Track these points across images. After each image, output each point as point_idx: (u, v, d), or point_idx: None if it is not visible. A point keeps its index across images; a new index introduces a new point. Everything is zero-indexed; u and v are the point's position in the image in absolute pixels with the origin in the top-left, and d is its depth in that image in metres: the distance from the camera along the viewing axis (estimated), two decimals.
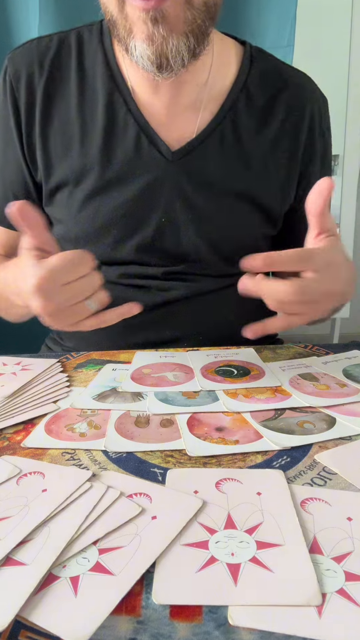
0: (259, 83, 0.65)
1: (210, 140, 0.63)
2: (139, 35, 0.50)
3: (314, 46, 1.57)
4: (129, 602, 0.25)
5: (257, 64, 0.66)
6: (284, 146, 0.66)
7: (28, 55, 0.63)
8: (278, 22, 1.07)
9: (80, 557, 0.27)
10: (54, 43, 0.63)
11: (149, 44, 0.50)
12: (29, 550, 0.28)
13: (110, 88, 0.62)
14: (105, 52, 0.63)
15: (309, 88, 0.69)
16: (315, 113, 0.68)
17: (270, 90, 0.66)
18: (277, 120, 0.65)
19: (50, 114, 0.63)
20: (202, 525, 0.30)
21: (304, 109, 0.67)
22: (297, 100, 0.66)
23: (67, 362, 0.58)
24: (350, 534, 0.29)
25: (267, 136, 0.65)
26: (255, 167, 0.65)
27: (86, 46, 0.64)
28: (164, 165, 0.62)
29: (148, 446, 0.39)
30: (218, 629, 0.23)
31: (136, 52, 0.52)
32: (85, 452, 0.38)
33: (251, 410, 0.44)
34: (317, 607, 0.24)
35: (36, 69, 0.62)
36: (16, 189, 0.67)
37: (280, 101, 0.66)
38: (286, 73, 0.68)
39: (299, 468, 0.36)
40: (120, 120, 0.62)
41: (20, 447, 0.39)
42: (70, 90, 0.63)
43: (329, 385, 0.49)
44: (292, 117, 0.66)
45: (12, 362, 0.57)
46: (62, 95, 0.63)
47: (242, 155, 0.64)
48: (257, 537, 0.29)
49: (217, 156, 0.63)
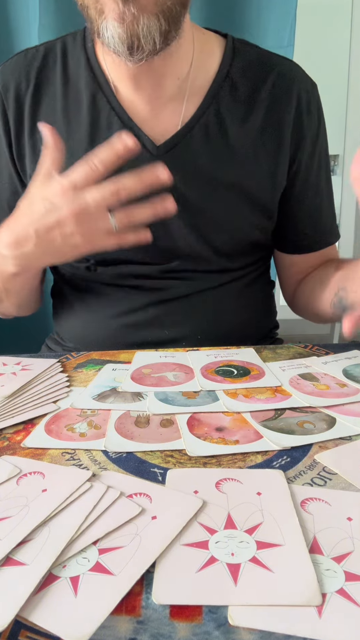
0: (242, 73, 0.65)
1: (195, 132, 0.63)
2: (110, 15, 0.50)
3: (314, 46, 1.57)
4: (129, 602, 0.25)
5: (241, 54, 0.65)
6: (271, 133, 0.65)
7: (16, 67, 0.65)
8: (278, 22, 1.07)
9: (80, 557, 0.27)
10: (40, 53, 0.65)
11: (120, 23, 0.50)
12: (29, 550, 0.28)
13: (93, 89, 0.63)
14: (88, 54, 0.64)
15: (294, 72, 0.67)
16: (303, 96, 0.66)
17: (255, 79, 0.65)
18: (263, 107, 0.65)
19: (37, 120, 0.64)
20: (202, 525, 0.30)
21: (290, 93, 0.65)
22: (283, 86, 0.65)
23: (67, 362, 0.58)
24: (350, 534, 0.29)
25: (254, 125, 0.64)
26: (242, 156, 0.64)
27: (70, 52, 0.65)
28: (149, 160, 0.62)
29: (148, 446, 0.39)
30: (218, 629, 0.23)
31: (107, 33, 0.52)
32: (85, 452, 0.38)
33: (251, 410, 0.44)
34: (317, 607, 0.24)
35: (23, 80, 0.64)
36: (8, 197, 0.68)
37: (265, 88, 0.65)
38: (270, 60, 0.67)
39: (299, 468, 0.36)
40: (104, 120, 0.63)
41: (20, 447, 0.39)
42: (56, 95, 0.64)
43: (329, 385, 0.49)
44: (277, 102, 0.65)
45: (12, 362, 0.57)
46: (48, 102, 0.64)
47: (228, 145, 0.64)
48: (257, 537, 0.29)
49: (202, 148, 0.63)
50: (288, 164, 0.67)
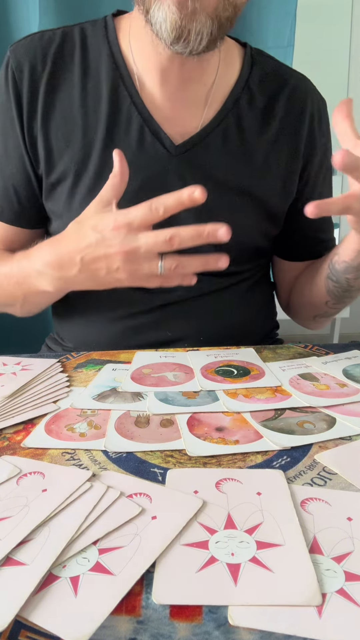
0: (259, 84, 0.66)
1: (214, 136, 0.63)
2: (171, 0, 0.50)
3: (314, 46, 1.57)
4: (129, 602, 0.25)
5: (258, 65, 0.67)
6: (285, 145, 0.67)
7: (31, 47, 0.63)
8: (278, 22, 1.07)
9: (80, 557, 0.27)
10: (58, 37, 0.63)
11: (179, 9, 0.50)
12: (29, 550, 0.28)
13: (114, 80, 0.62)
14: (110, 45, 0.63)
15: (308, 89, 0.70)
16: (315, 112, 0.69)
17: (271, 91, 0.66)
18: (278, 119, 0.66)
19: (52, 106, 0.62)
20: (202, 525, 0.30)
21: (304, 109, 0.68)
22: (297, 100, 0.67)
23: (67, 362, 0.58)
24: (350, 534, 0.29)
25: (268, 135, 0.66)
26: (257, 164, 0.65)
27: (90, 40, 0.64)
28: (166, 159, 0.62)
29: (148, 446, 0.39)
30: (218, 629, 0.23)
31: (159, 13, 0.51)
32: (85, 452, 0.38)
33: (251, 410, 0.44)
34: (317, 607, 0.24)
35: (39, 61, 0.62)
36: (18, 181, 0.66)
37: (281, 101, 0.66)
38: (286, 74, 0.69)
39: (299, 468, 0.36)
40: (124, 113, 0.62)
41: (20, 447, 0.39)
42: (74, 82, 0.62)
43: (329, 385, 0.49)
44: (292, 116, 0.67)
45: (12, 362, 0.57)
46: (64, 88, 0.62)
47: (245, 152, 0.65)
48: (257, 537, 0.29)
49: (219, 152, 0.64)
50: (299, 175, 0.69)
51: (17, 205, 0.67)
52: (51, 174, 0.64)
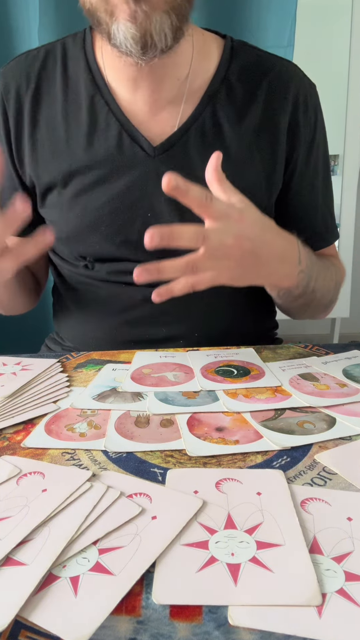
0: (240, 74, 0.65)
1: (191, 134, 0.63)
2: (121, 15, 0.51)
3: (314, 46, 1.57)
4: (129, 602, 0.25)
5: (239, 56, 0.66)
6: (267, 134, 0.65)
7: (17, 68, 0.66)
8: (278, 22, 1.07)
9: (80, 557, 0.27)
10: (41, 54, 0.66)
11: (133, 22, 0.51)
12: (29, 550, 0.28)
13: (91, 90, 0.63)
14: (87, 55, 0.64)
15: (292, 75, 0.67)
16: (300, 98, 0.66)
17: (252, 80, 0.65)
18: (259, 108, 0.65)
19: (37, 122, 0.65)
20: (202, 525, 0.30)
21: (287, 94, 0.65)
22: (279, 86, 0.65)
23: (67, 362, 0.58)
24: (350, 534, 0.29)
25: (249, 126, 0.64)
26: (238, 157, 0.64)
27: (70, 53, 0.65)
28: (146, 161, 0.63)
29: (148, 446, 0.39)
30: (218, 629, 0.23)
31: (119, 34, 0.52)
32: (85, 452, 0.38)
33: (251, 410, 0.44)
34: (317, 607, 0.24)
35: (23, 81, 0.65)
36: (6, 195, 0.68)
37: (262, 89, 0.65)
38: (269, 61, 0.67)
39: (299, 468, 0.36)
40: (102, 121, 0.63)
41: (20, 447, 0.39)
42: (56, 96, 0.64)
43: (329, 385, 0.49)
44: (273, 103, 0.65)
45: (12, 362, 0.57)
46: (48, 103, 0.64)
47: (224, 147, 0.64)
48: (257, 537, 0.29)
49: (198, 149, 0.63)
50: (284, 165, 0.68)
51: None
52: (40, 184, 0.66)
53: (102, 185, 0.63)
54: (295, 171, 0.69)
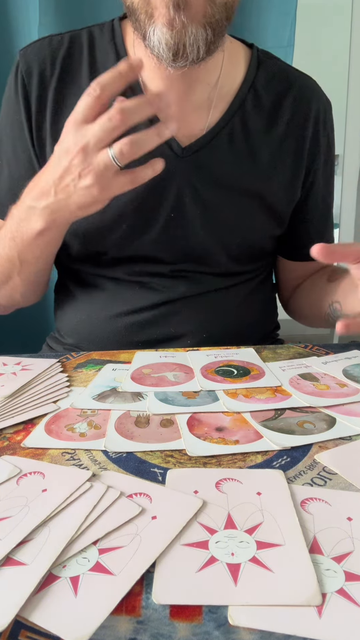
0: (266, 84, 0.66)
1: (220, 138, 0.64)
2: (159, 19, 0.51)
3: (314, 46, 1.57)
4: (129, 602, 0.25)
5: (264, 66, 0.67)
6: (290, 146, 0.67)
7: (40, 52, 0.64)
8: (278, 22, 1.07)
9: (80, 557, 0.27)
10: (66, 41, 0.64)
11: (169, 28, 0.51)
12: (29, 550, 0.28)
13: None
14: (117, 49, 0.64)
15: (314, 90, 0.70)
16: (320, 113, 0.69)
17: (277, 92, 0.67)
18: (284, 120, 0.67)
19: (61, 111, 0.63)
20: (202, 525, 0.30)
21: (309, 110, 0.68)
22: (303, 101, 0.68)
23: (67, 362, 0.58)
24: (350, 534, 0.29)
25: (274, 136, 0.66)
26: (263, 165, 0.66)
27: (98, 44, 0.64)
28: (174, 161, 0.63)
29: (148, 446, 0.39)
30: (218, 629, 0.23)
31: (154, 38, 0.52)
32: (85, 452, 0.38)
33: (251, 410, 0.44)
34: (317, 607, 0.24)
35: (48, 66, 0.63)
36: (26, 184, 0.65)
37: (287, 102, 0.67)
38: (292, 75, 0.69)
39: (299, 468, 0.36)
40: None
41: (20, 447, 0.39)
42: (82, 87, 0.62)
43: (329, 385, 0.49)
44: (297, 117, 0.67)
45: (12, 362, 0.57)
46: (74, 92, 0.63)
47: (251, 153, 0.65)
48: (257, 537, 0.29)
49: (226, 153, 0.64)
50: (304, 176, 0.70)
51: None
52: None
53: None
54: (314, 182, 0.71)
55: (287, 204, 0.70)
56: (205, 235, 0.65)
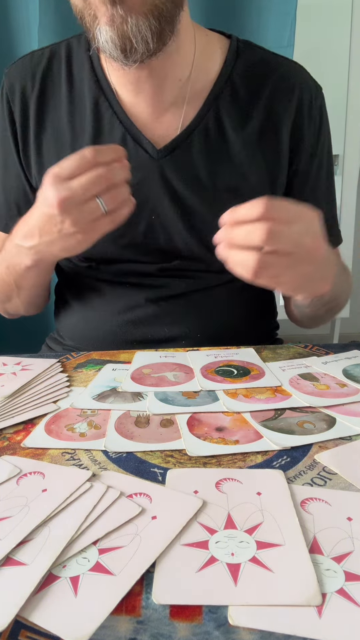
0: (244, 75, 0.64)
1: (195, 136, 0.63)
2: (102, 19, 0.51)
3: (314, 46, 1.57)
4: (129, 602, 0.25)
5: (244, 56, 0.65)
6: (270, 136, 0.65)
7: (22, 69, 0.66)
8: (278, 22, 1.07)
9: (80, 557, 0.27)
10: (46, 55, 0.66)
11: (111, 25, 0.51)
12: (29, 550, 0.28)
13: (96, 93, 0.63)
14: (91, 58, 0.64)
15: (298, 75, 0.67)
16: (305, 99, 0.66)
17: (256, 82, 0.64)
18: (262, 110, 0.64)
19: (43, 123, 0.65)
20: (202, 525, 0.30)
21: (291, 96, 0.65)
22: (283, 88, 0.65)
23: (67, 362, 0.58)
24: (350, 534, 0.29)
25: (253, 128, 0.64)
26: (241, 160, 0.64)
27: (74, 55, 0.65)
28: (150, 163, 0.63)
29: (148, 446, 0.39)
30: (218, 629, 0.23)
31: (101, 38, 0.52)
32: (85, 452, 0.38)
33: (251, 410, 0.44)
34: (317, 607, 0.24)
35: (29, 82, 0.65)
36: (18, 196, 0.69)
37: (266, 90, 0.64)
38: (274, 62, 0.66)
39: (299, 468, 0.36)
40: (106, 124, 0.63)
41: (20, 447, 0.39)
42: (61, 98, 0.64)
43: (329, 385, 0.49)
44: (277, 105, 0.65)
45: (12, 362, 0.57)
46: (53, 105, 0.65)
47: (227, 149, 0.64)
48: (257, 537, 0.29)
49: (201, 151, 0.63)
50: (287, 167, 0.67)
51: (19, 217, 0.68)
52: None
53: None
54: (298, 173, 0.68)
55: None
56: (189, 235, 0.65)
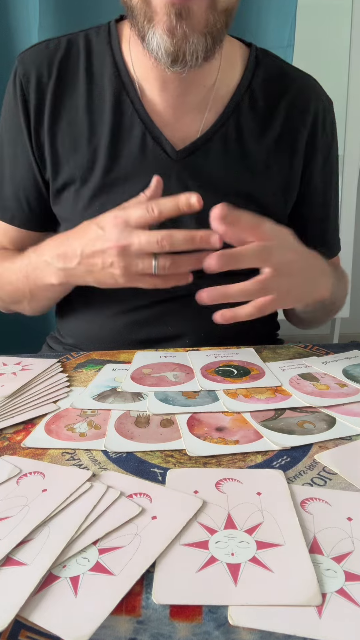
0: (263, 85, 0.66)
1: (214, 141, 0.64)
2: (159, 25, 0.51)
3: (314, 46, 1.57)
4: (129, 602, 0.25)
5: (262, 66, 0.67)
6: (286, 146, 0.67)
7: (37, 56, 0.64)
8: (278, 22, 1.07)
9: (80, 557, 0.27)
10: (63, 45, 0.64)
11: (170, 36, 0.51)
12: (29, 550, 0.28)
13: (117, 88, 0.63)
14: (113, 52, 0.64)
15: (313, 89, 0.69)
16: (319, 113, 0.68)
17: (275, 91, 0.66)
18: (280, 120, 0.66)
19: (58, 114, 0.64)
20: (202, 525, 0.30)
21: (308, 108, 0.67)
22: (301, 100, 0.67)
23: (67, 362, 0.58)
24: (350, 534, 0.29)
25: (270, 137, 0.66)
26: (258, 168, 0.65)
27: (94, 47, 0.65)
28: (168, 164, 0.63)
29: (148, 446, 0.39)
30: (218, 629, 0.23)
31: (153, 42, 0.52)
32: (85, 452, 0.38)
33: (251, 410, 0.44)
34: (317, 607, 0.24)
35: (45, 70, 0.64)
36: (27, 187, 0.67)
37: (284, 101, 0.66)
38: (291, 74, 0.68)
39: (299, 468, 0.36)
40: (127, 120, 0.63)
41: (20, 447, 0.39)
42: (79, 90, 0.64)
43: (329, 385, 0.49)
44: (294, 116, 0.67)
45: (12, 362, 0.57)
46: (70, 96, 0.64)
47: (245, 156, 0.65)
48: (257, 537, 0.29)
49: (220, 156, 0.64)
50: (300, 179, 0.69)
51: (27, 210, 0.68)
52: (57, 179, 0.65)
53: (122, 185, 0.63)
54: (310, 184, 0.71)
55: (283, 207, 0.69)
56: None
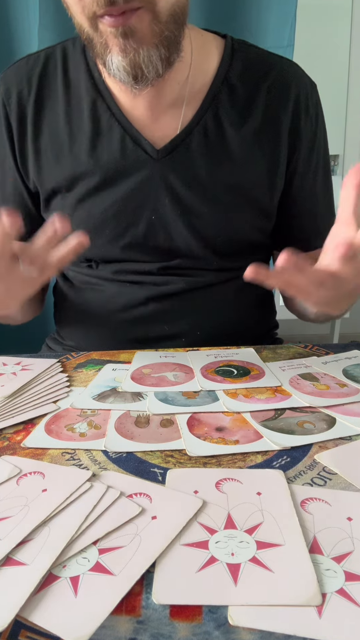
0: (241, 75, 0.65)
1: (194, 136, 0.63)
2: (114, 48, 0.52)
3: (314, 46, 1.57)
4: (129, 602, 0.25)
5: (239, 56, 0.66)
6: (268, 134, 0.65)
7: (17, 73, 0.66)
8: (278, 22, 1.07)
9: (80, 557, 0.27)
10: (41, 59, 0.66)
11: (123, 56, 0.52)
12: (29, 550, 0.28)
13: (93, 95, 0.64)
14: (88, 61, 0.65)
15: (293, 72, 0.68)
16: (301, 97, 0.66)
17: (253, 80, 0.65)
18: (260, 109, 0.65)
19: (40, 126, 0.65)
20: (202, 525, 0.30)
21: (288, 94, 0.66)
22: (280, 86, 0.65)
23: (67, 362, 0.58)
24: (350, 534, 0.29)
25: (251, 127, 0.65)
26: (240, 159, 0.65)
27: (70, 58, 0.66)
28: (150, 164, 0.63)
29: (148, 446, 0.39)
30: (218, 629, 0.23)
31: (113, 66, 0.54)
32: (85, 452, 0.38)
33: (251, 410, 0.44)
34: (317, 607, 0.24)
35: (25, 85, 0.65)
36: (13, 199, 0.69)
37: (263, 89, 0.65)
38: (270, 60, 0.67)
39: (299, 468, 0.36)
40: (105, 125, 0.63)
41: (20, 447, 0.39)
42: (58, 102, 0.65)
43: (329, 385, 0.49)
44: (274, 103, 0.65)
45: (12, 362, 0.57)
46: (51, 108, 0.65)
47: (226, 148, 0.64)
48: (257, 537, 0.29)
49: (201, 151, 0.64)
50: (285, 165, 0.68)
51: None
52: (44, 189, 0.66)
53: (106, 189, 0.63)
54: (297, 170, 0.69)
55: (270, 196, 0.68)
56: (189, 234, 0.65)
